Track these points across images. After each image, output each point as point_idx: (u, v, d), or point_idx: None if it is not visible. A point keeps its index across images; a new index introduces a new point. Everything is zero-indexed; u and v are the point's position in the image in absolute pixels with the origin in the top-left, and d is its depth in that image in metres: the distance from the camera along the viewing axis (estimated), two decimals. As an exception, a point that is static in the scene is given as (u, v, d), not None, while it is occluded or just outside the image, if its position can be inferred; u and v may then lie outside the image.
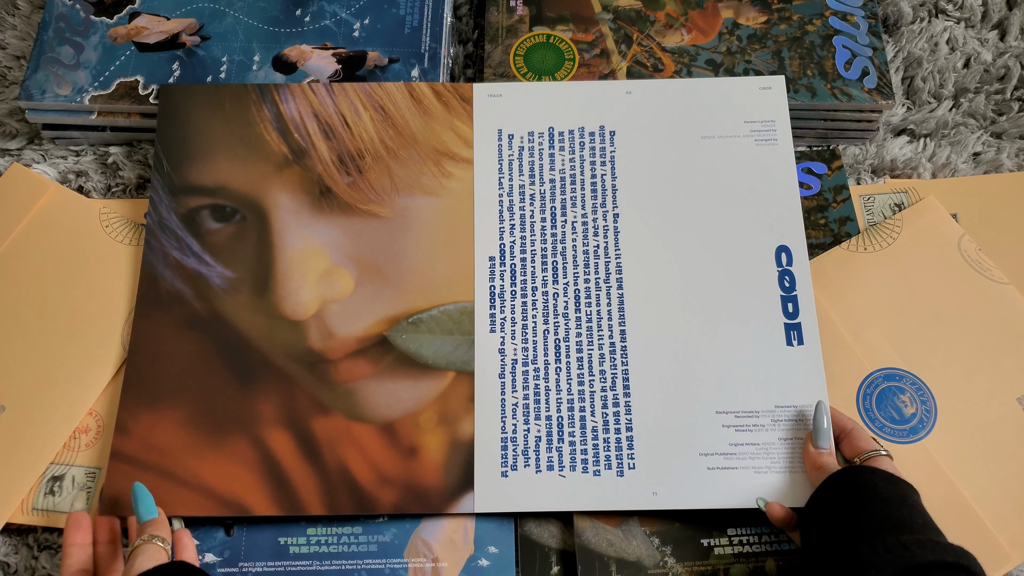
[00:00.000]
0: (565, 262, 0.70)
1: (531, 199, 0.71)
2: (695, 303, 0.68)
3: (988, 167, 0.79)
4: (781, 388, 0.65)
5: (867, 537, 0.51)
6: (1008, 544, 0.63)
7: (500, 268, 0.69)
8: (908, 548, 0.49)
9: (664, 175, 0.72)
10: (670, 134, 0.73)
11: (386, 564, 0.64)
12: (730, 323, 0.67)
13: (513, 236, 0.70)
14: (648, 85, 0.75)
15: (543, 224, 0.71)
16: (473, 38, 0.86)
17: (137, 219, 0.74)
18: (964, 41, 0.84)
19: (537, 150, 0.73)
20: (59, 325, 0.70)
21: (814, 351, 0.66)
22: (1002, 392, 0.68)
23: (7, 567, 0.65)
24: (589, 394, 0.66)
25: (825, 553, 0.53)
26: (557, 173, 0.72)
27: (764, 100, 0.74)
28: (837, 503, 0.55)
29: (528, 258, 0.70)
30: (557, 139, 0.73)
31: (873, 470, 0.56)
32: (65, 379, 0.68)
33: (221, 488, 0.63)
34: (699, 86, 0.75)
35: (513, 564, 0.64)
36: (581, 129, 0.73)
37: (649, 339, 0.67)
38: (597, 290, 0.69)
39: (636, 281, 0.69)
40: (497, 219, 0.71)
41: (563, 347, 0.67)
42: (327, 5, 0.80)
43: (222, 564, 0.63)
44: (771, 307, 0.67)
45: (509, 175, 0.72)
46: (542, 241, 0.70)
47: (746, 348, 0.66)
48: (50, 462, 0.66)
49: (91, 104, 0.75)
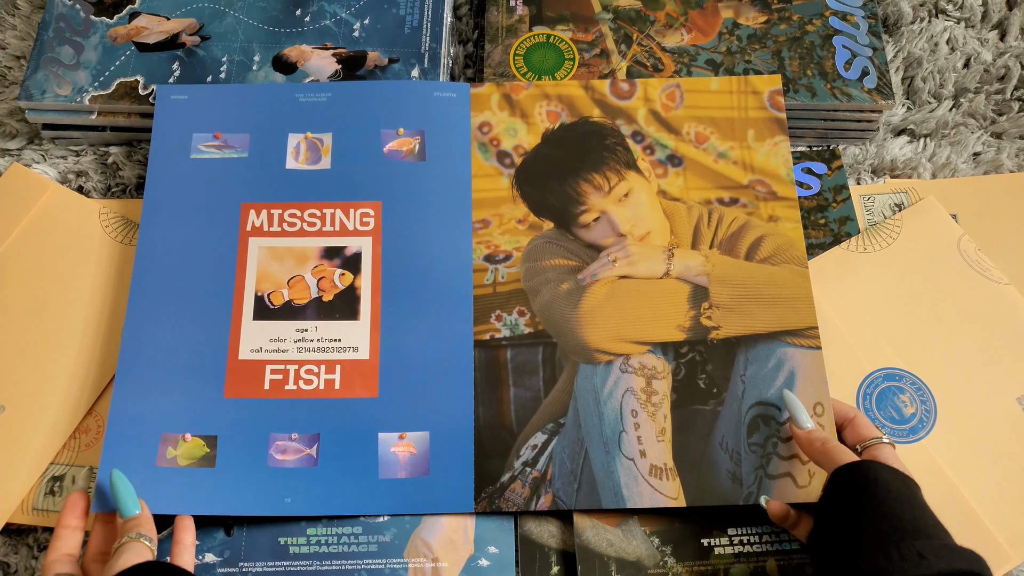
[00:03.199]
0: None
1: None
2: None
3: (988, 167, 0.79)
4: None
5: (881, 543, 0.51)
6: (1008, 544, 0.63)
7: None
8: (923, 555, 0.49)
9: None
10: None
11: (386, 564, 0.64)
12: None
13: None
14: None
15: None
16: (473, 38, 0.86)
17: (137, 219, 0.74)
18: (964, 41, 0.84)
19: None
20: (59, 325, 0.70)
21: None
22: (1002, 392, 0.68)
23: (7, 567, 0.65)
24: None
25: (838, 555, 0.53)
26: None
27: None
28: (849, 501, 0.55)
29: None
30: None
31: (882, 464, 0.56)
32: (65, 379, 0.68)
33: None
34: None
35: (513, 564, 0.64)
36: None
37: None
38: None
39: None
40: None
41: None
42: (327, 5, 0.80)
43: (222, 564, 0.63)
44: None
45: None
46: None
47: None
48: (50, 462, 0.66)
49: (91, 104, 0.75)
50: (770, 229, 0.71)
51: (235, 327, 0.68)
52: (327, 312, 0.69)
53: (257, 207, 0.72)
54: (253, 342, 0.68)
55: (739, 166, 0.73)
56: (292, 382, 0.67)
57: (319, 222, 0.71)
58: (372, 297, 0.69)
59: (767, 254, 0.70)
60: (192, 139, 0.74)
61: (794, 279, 0.68)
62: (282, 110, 0.75)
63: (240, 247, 0.70)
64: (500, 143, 0.75)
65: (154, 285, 0.69)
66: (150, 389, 0.66)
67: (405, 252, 0.71)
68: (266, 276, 0.70)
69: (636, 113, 0.75)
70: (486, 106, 0.76)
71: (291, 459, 0.64)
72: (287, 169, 0.73)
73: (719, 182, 0.73)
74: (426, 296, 0.69)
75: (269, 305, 0.69)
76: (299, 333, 0.68)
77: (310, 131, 0.74)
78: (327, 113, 0.75)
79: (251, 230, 0.71)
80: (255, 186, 0.72)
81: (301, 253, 0.70)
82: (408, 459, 0.65)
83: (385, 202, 0.72)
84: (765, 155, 0.73)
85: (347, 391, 0.67)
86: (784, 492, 0.62)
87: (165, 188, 0.72)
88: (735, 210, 0.72)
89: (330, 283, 0.70)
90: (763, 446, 0.64)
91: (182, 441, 0.65)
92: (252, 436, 0.65)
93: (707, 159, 0.74)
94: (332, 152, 0.73)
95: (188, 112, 0.74)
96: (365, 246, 0.71)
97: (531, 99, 0.76)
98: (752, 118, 0.75)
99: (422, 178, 0.73)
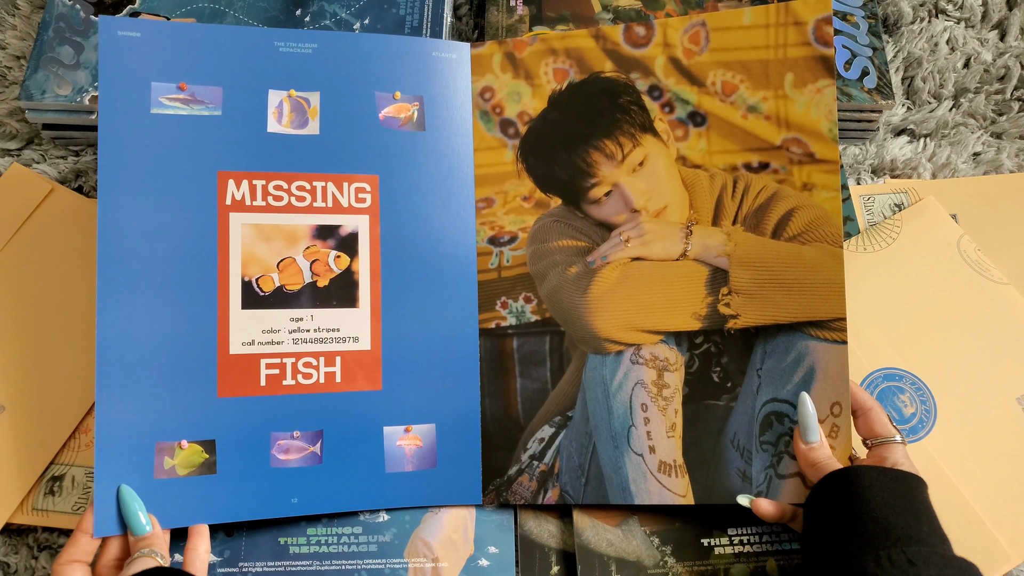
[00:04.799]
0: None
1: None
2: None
3: (988, 167, 0.79)
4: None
5: (871, 548, 0.51)
6: (1008, 544, 0.63)
7: None
8: (912, 562, 0.49)
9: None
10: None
11: (386, 564, 0.64)
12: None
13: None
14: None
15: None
16: (473, 38, 0.86)
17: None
18: (964, 41, 0.84)
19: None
20: (59, 325, 0.70)
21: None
22: (1002, 392, 0.68)
23: (7, 567, 0.65)
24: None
25: (827, 561, 0.53)
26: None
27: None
28: (838, 507, 0.55)
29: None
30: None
31: (878, 470, 0.55)
32: (65, 379, 0.68)
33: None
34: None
35: (513, 564, 0.64)
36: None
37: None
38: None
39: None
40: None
41: None
42: (327, 5, 0.80)
43: (222, 564, 0.63)
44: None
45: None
46: None
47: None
48: (50, 462, 0.66)
49: (91, 104, 0.75)
50: (803, 200, 0.63)
51: (222, 317, 0.62)
52: (323, 299, 0.64)
53: (236, 176, 0.64)
54: (244, 334, 0.63)
55: (772, 122, 0.64)
56: (290, 377, 0.64)
57: (309, 196, 0.65)
58: (371, 282, 0.65)
59: (797, 230, 0.63)
60: (151, 90, 0.63)
61: (825, 261, 0.61)
62: (260, 61, 0.65)
63: (220, 224, 0.63)
64: (503, 110, 0.69)
65: (124, 273, 0.61)
66: (135, 394, 0.60)
67: (405, 233, 0.66)
68: (252, 258, 0.64)
69: (654, 63, 0.67)
70: (488, 68, 0.69)
71: (295, 458, 0.63)
72: (269, 132, 0.65)
73: (747, 143, 0.65)
74: (428, 282, 0.66)
75: (258, 292, 0.63)
76: (294, 323, 0.64)
77: (294, 88, 0.66)
78: (313, 68, 0.66)
79: (231, 204, 0.63)
80: (232, 151, 0.64)
81: (291, 232, 0.64)
82: (415, 452, 0.65)
83: (382, 176, 0.66)
84: (805, 105, 0.64)
85: (349, 384, 0.64)
86: (793, 492, 0.61)
87: (124, 152, 0.62)
88: (764, 177, 0.64)
89: (324, 266, 0.65)
90: (775, 444, 0.62)
91: (178, 449, 0.61)
92: (252, 437, 0.63)
93: (735, 115, 0.65)
94: (320, 115, 0.66)
95: (144, 54, 0.63)
96: (362, 225, 0.65)
97: (536, 56, 0.69)
98: (792, 58, 0.64)
99: (421, 151, 0.67)
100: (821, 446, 0.60)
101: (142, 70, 0.63)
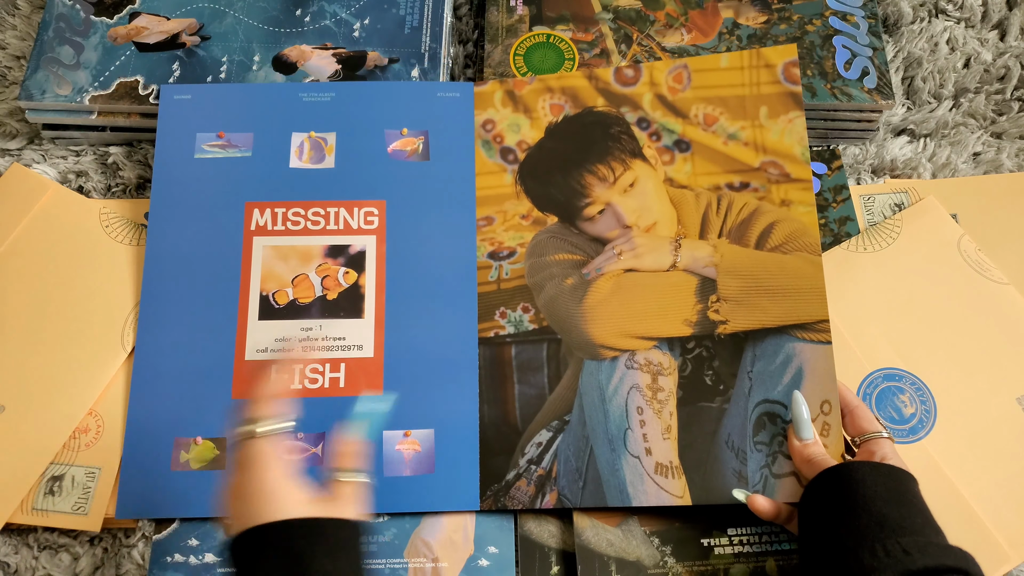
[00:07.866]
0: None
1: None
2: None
3: (988, 167, 0.79)
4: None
5: (866, 540, 0.51)
6: (1008, 544, 0.63)
7: None
8: (908, 551, 0.49)
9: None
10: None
11: (386, 564, 0.64)
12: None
13: None
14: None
15: None
16: (473, 38, 0.86)
17: (137, 219, 0.74)
18: (964, 41, 0.84)
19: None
20: (59, 325, 0.70)
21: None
22: (1002, 392, 0.68)
23: (7, 567, 0.65)
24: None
25: (823, 556, 0.53)
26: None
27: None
28: (832, 502, 0.55)
29: None
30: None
31: (871, 465, 0.56)
32: (65, 379, 0.68)
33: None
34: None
35: (513, 564, 0.64)
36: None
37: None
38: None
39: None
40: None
41: None
42: (327, 5, 0.80)
43: (222, 564, 0.63)
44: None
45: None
46: None
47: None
48: (50, 462, 0.66)
49: (91, 104, 0.75)
50: (782, 215, 0.69)
51: (241, 328, 0.68)
52: (331, 310, 0.69)
53: (261, 206, 0.72)
54: (259, 342, 0.68)
55: (750, 147, 0.71)
56: (297, 381, 0.67)
57: (323, 221, 0.71)
58: (376, 295, 0.69)
59: (779, 242, 0.68)
60: (196, 139, 0.74)
61: (806, 269, 0.66)
62: (286, 109, 0.75)
63: (245, 246, 0.71)
64: (503, 139, 0.74)
65: (164, 288, 0.69)
66: (163, 395, 0.67)
67: (409, 250, 0.71)
68: (271, 275, 0.70)
69: (641, 99, 0.73)
70: (489, 103, 0.75)
71: (298, 459, 0.64)
72: (291, 168, 0.73)
73: (729, 166, 0.71)
74: (430, 294, 0.70)
75: (274, 305, 0.69)
76: (304, 332, 0.68)
77: (314, 130, 0.74)
78: (331, 113, 0.75)
79: (255, 229, 0.71)
80: (259, 185, 0.72)
81: (305, 252, 0.71)
82: (413, 457, 0.65)
83: (389, 201, 0.72)
84: (779, 133, 0.70)
85: (352, 389, 0.67)
86: (789, 492, 0.62)
87: (170, 189, 0.72)
88: (746, 195, 0.70)
89: (334, 281, 0.70)
90: (769, 444, 0.63)
91: (193, 444, 0.66)
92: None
93: (716, 142, 0.72)
94: (336, 151, 0.74)
95: (192, 112, 0.74)
96: (369, 244, 0.71)
97: (534, 94, 0.75)
98: (765, 94, 0.72)
99: (426, 177, 0.73)
100: (815, 443, 0.60)
101: (190, 124, 0.74)
